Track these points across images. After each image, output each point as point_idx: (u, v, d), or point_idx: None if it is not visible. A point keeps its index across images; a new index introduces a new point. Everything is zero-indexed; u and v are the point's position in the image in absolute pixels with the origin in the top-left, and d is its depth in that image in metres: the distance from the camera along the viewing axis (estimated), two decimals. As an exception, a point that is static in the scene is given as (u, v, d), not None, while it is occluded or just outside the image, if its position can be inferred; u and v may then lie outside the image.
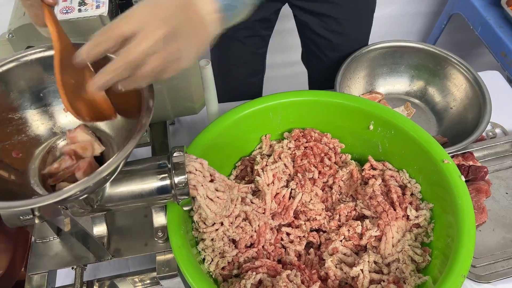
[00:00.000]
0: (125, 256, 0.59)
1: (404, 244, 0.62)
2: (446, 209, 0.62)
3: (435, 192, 0.65)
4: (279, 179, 0.68)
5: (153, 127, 0.73)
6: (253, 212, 0.63)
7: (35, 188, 0.47)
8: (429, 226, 0.64)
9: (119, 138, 0.51)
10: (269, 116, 0.71)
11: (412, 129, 0.66)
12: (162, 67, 0.43)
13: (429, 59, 0.93)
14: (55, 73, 0.44)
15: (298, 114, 0.72)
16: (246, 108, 0.69)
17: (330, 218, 0.67)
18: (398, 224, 0.63)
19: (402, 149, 0.68)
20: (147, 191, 0.51)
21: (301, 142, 0.72)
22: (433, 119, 0.93)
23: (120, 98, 0.46)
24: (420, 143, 0.65)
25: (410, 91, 0.97)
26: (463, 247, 0.55)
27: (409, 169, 0.69)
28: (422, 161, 0.66)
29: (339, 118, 0.72)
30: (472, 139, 0.77)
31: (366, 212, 0.66)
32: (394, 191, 0.66)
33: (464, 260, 0.54)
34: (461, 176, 0.61)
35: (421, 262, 0.61)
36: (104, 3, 0.57)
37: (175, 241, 0.54)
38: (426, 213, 0.65)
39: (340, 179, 0.70)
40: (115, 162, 0.41)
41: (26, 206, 0.38)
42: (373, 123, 0.69)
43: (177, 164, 0.51)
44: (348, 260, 0.62)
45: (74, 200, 0.47)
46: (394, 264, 0.61)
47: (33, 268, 0.57)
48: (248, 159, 0.73)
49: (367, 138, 0.71)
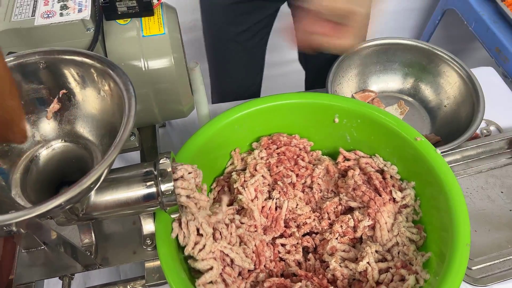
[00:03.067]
0: (113, 264, 0.58)
1: (398, 227, 0.63)
2: (428, 184, 0.63)
3: (413, 170, 0.66)
4: (261, 191, 0.65)
5: (142, 131, 0.72)
6: (246, 233, 0.61)
7: (17, 199, 0.46)
8: (415, 203, 0.65)
9: (103, 146, 0.50)
10: (235, 129, 0.68)
11: (379, 115, 0.67)
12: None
13: (422, 56, 0.92)
14: None
15: (263, 121, 0.71)
16: (214, 126, 0.66)
17: (319, 218, 0.67)
18: (388, 209, 0.64)
19: (371, 135, 0.69)
20: (133, 199, 0.50)
21: (272, 149, 0.70)
22: (426, 118, 0.92)
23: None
24: (390, 126, 0.66)
25: (403, 89, 0.96)
26: (458, 216, 0.56)
27: (382, 153, 0.70)
28: (394, 143, 0.67)
29: (303, 118, 0.71)
30: (465, 137, 0.76)
31: (352, 204, 0.66)
32: (375, 178, 0.66)
33: (463, 230, 0.55)
34: (436, 150, 0.63)
35: (419, 240, 0.62)
36: (87, 7, 0.56)
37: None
38: (410, 192, 0.65)
39: (318, 176, 0.69)
40: (98, 171, 0.40)
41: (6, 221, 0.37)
42: (337, 116, 0.69)
43: (163, 171, 0.50)
44: (350, 256, 0.62)
45: (58, 211, 0.46)
46: (395, 249, 0.62)
47: (20, 278, 0.56)
48: (223, 179, 0.70)
49: (334, 131, 0.72)
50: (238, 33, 0.95)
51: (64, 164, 0.51)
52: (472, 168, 0.84)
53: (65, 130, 0.51)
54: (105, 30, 0.60)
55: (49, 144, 0.51)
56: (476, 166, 0.84)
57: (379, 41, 0.92)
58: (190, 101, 0.67)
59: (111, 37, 0.60)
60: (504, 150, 0.85)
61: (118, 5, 0.59)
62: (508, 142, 0.85)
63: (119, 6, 0.59)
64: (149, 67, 0.60)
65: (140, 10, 0.60)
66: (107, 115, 0.49)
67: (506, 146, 0.85)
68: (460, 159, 0.84)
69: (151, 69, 0.60)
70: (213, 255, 0.55)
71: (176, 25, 0.63)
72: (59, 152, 0.51)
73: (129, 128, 0.41)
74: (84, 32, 0.56)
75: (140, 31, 0.60)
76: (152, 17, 0.62)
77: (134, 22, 0.61)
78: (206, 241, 0.55)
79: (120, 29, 0.60)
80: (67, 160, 0.51)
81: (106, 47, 0.59)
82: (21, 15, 0.55)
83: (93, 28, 0.56)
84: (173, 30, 0.61)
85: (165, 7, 0.64)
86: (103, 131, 0.49)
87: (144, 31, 0.61)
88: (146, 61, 0.60)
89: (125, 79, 0.46)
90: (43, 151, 0.50)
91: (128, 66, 0.60)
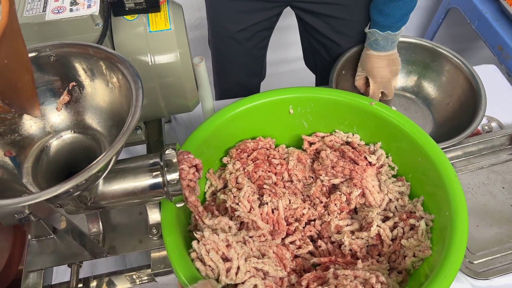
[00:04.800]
0: (120, 253, 0.59)
1: (386, 184, 0.67)
2: (393, 139, 0.69)
3: (374, 133, 0.71)
4: (253, 200, 0.65)
5: (148, 125, 0.74)
6: (260, 244, 0.60)
7: (28, 186, 0.48)
8: (388, 160, 0.70)
9: (111, 137, 0.51)
10: (204, 151, 0.67)
11: (328, 94, 0.71)
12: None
13: (426, 54, 0.93)
14: None
15: (224, 135, 0.71)
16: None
17: (312, 205, 0.69)
18: (369, 173, 0.68)
19: (327, 114, 0.73)
20: (139, 189, 0.51)
21: (243, 157, 0.71)
22: (429, 115, 0.93)
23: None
24: (343, 101, 0.70)
25: (406, 87, 0.97)
26: (427, 147, 0.63)
27: (340, 127, 0.74)
28: (350, 114, 0.71)
29: (261, 118, 0.72)
30: (466, 133, 0.77)
31: (335, 181, 0.69)
32: (347, 150, 0.70)
33: (438, 158, 0.62)
34: (392, 107, 0.69)
35: (406, 190, 0.67)
36: (96, 2, 0.57)
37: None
38: (381, 151, 0.70)
39: (294, 168, 0.71)
40: (106, 158, 0.42)
41: (18, 204, 0.38)
42: (291, 106, 0.72)
43: (169, 162, 0.51)
44: (356, 227, 0.65)
45: (67, 197, 0.48)
46: (391, 205, 0.66)
47: (30, 265, 0.58)
48: (208, 204, 0.67)
49: (291, 122, 0.74)
50: (237, 31, 0.96)
51: (73, 154, 0.53)
52: (474, 164, 0.85)
53: (75, 121, 0.53)
54: (113, 25, 0.61)
55: (59, 135, 0.52)
56: (477, 162, 0.85)
57: (382, 38, 0.93)
58: (195, 96, 0.69)
59: (119, 32, 0.61)
60: (506, 146, 0.86)
61: (126, 1, 0.61)
62: (509, 138, 0.86)
63: (127, 2, 0.61)
64: (155, 61, 0.62)
65: (147, 6, 0.62)
66: (115, 107, 0.50)
67: (507, 142, 0.86)
68: (461, 155, 0.85)
69: (157, 64, 0.62)
70: (250, 274, 0.54)
71: (182, 21, 0.64)
72: (68, 143, 0.53)
73: (136, 117, 0.43)
74: (93, 27, 0.57)
75: (147, 27, 0.62)
76: (159, 13, 0.63)
77: (141, 18, 0.63)
78: (238, 262, 0.53)
79: (128, 24, 0.62)
80: (76, 150, 0.53)
81: (114, 42, 0.61)
82: (32, 11, 0.57)
83: (101, 23, 0.58)
84: (179, 26, 0.63)
85: (171, 3, 0.65)
86: (111, 122, 0.51)
87: (151, 26, 0.62)
88: (152, 56, 0.62)
89: (132, 71, 0.47)
90: (53, 141, 0.52)
91: (135, 60, 0.61)
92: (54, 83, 0.51)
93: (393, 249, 0.62)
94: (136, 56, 0.61)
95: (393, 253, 0.63)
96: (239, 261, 0.53)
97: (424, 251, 0.59)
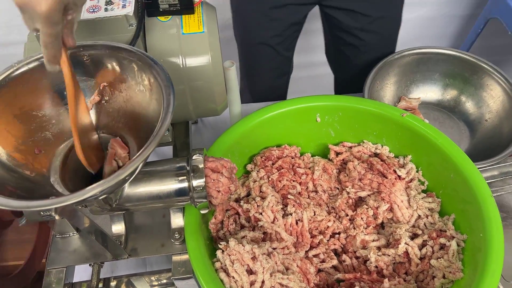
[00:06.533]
0: (142, 255, 0.59)
1: (415, 200, 0.64)
2: (424, 152, 0.66)
3: (404, 145, 0.69)
4: (277, 211, 0.63)
5: (175, 127, 0.73)
6: (284, 257, 0.58)
7: (55, 185, 0.48)
8: (418, 174, 0.67)
9: (138, 139, 0.51)
10: (228, 157, 0.63)
11: (357, 103, 0.69)
12: None
13: (465, 68, 0.89)
14: (71, 122, 0.46)
15: (250, 141, 0.70)
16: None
17: (337, 217, 0.66)
18: (398, 188, 0.65)
19: (355, 124, 0.71)
20: (165, 193, 0.51)
21: (268, 165, 0.69)
22: (465, 131, 0.89)
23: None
24: (372, 111, 0.68)
25: (442, 100, 0.93)
26: (462, 165, 0.60)
27: (368, 137, 0.71)
28: (379, 125, 0.69)
29: (287, 126, 0.71)
30: (507, 152, 0.73)
31: (362, 193, 0.67)
32: (376, 162, 0.67)
33: (474, 177, 0.59)
34: (424, 120, 0.67)
35: (436, 207, 0.64)
36: (130, 3, 0.57)
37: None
38: (411, 165, 0.67)
39: (319, 178, 0.69)
40: (134, 164, 0.41)
41: (45, 207, 0.38)
42: (319, 115, 0.70)
43: (196, 167, 0.50)
44: (382, 243, 0.63)
45: (93, 200, 0.47)
46: (420, 222, 0.64)
47: (52, 263, 0.58)
48: (232, 213, 0.66)
49: (318, 130, 0.72)
50: (271, 37, 0.96)
51: (101, 155, 0.53)
52: (511, 185, 0.80)
53: (103, 122, 0.53)
54: (147, 26, 0.61)
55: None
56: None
57: (419, 49, 0.90)
58: (224, 100, 0.68)
59: (152, 33, 0.61)
60: (546, 167, 0.81)
61: (160, 2, 0.60)
62: (551, 159, 0.81)
63: (161, 3, 0.60)
64: (186, 64, 0.61)
65: (181, 8, 0.61)
66: (144, 109, 0.50)
67: (549, 163, 0.81)
68: (497, 175, 0.81)
69: (188, 67, 0.61)
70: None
71: (215, 24, 0.63)
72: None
73: (166, 124, 0.42)
74: (126, 27, 0.57)
75: (180, 29, 0.61)
76: (193, 15, 0.62)
77: (175, 20, 0.62)
78: (263, 276, 0.52)
79: (161, 25, 0.61)
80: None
81: (147, 42, 0.61)
82: (68, 9, 0.57)
83: (135, 23, 0.57)
84: (212, 29, 0.62)
85: (205, 5, 0.64)
86: (139, 125, 0.50)
87: (184, 28, 0.61)
88: (184, 58, 0.61)
89: (164, 76, 0.46)
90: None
91: (166, 62, 0.61)
92: (85, 83, 0.51)
93: (421, 269, 0.60)
94: (167, 58, 0.61)
95: (421, 272, 0.60)
96: (264, 275, 0.52)
97: (455, 273, 0.56)
